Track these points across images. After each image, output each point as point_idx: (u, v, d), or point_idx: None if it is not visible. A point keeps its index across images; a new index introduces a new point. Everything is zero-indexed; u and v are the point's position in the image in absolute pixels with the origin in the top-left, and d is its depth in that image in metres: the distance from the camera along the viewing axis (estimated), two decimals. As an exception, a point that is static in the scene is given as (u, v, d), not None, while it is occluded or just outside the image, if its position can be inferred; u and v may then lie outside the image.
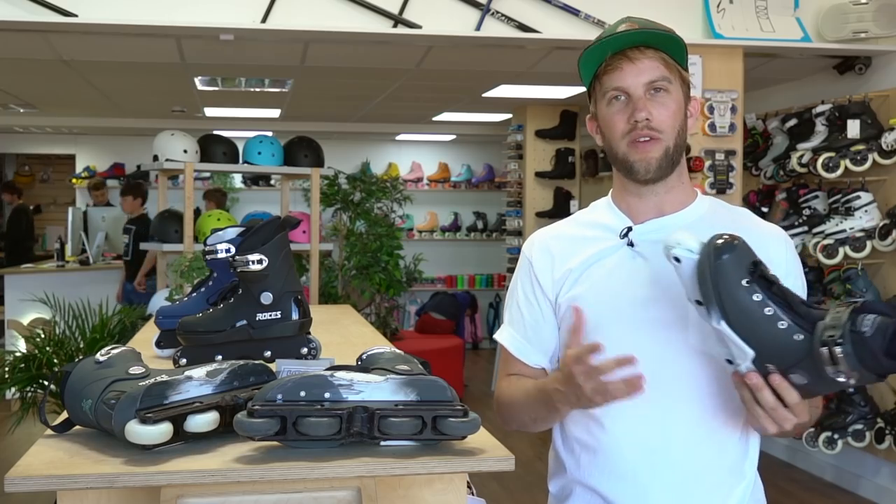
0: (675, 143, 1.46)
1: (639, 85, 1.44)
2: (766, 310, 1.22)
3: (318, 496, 1.18)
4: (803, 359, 1.20)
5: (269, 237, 1.68)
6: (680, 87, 1.48)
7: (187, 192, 4.61)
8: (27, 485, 1.10)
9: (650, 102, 1.44)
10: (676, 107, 1.46)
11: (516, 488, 4.86)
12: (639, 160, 1.46)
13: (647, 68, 1.44)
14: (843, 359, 1.15)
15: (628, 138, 1.45)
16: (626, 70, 1.45)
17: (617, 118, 1.46)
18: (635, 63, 1.44)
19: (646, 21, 1.49)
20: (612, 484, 1.48)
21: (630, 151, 1.46)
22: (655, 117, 1.44)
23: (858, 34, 4.37)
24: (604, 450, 1.49)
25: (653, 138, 1.44)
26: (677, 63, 1.48)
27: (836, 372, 1.17)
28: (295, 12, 4.00)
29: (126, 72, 5.87)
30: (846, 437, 4.58)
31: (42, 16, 3.81)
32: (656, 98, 1.45)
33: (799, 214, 4.89)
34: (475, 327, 10.03)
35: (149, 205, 9.16)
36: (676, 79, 1.47)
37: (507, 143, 7.43)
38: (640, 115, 1.43)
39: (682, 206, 1.52)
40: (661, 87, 1.45)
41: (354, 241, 7.07)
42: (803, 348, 1.20)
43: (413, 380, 1.24)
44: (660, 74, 1.44)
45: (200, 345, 1.70)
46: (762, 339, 1.22)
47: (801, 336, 1.21)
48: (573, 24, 4.19)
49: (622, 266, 1.48)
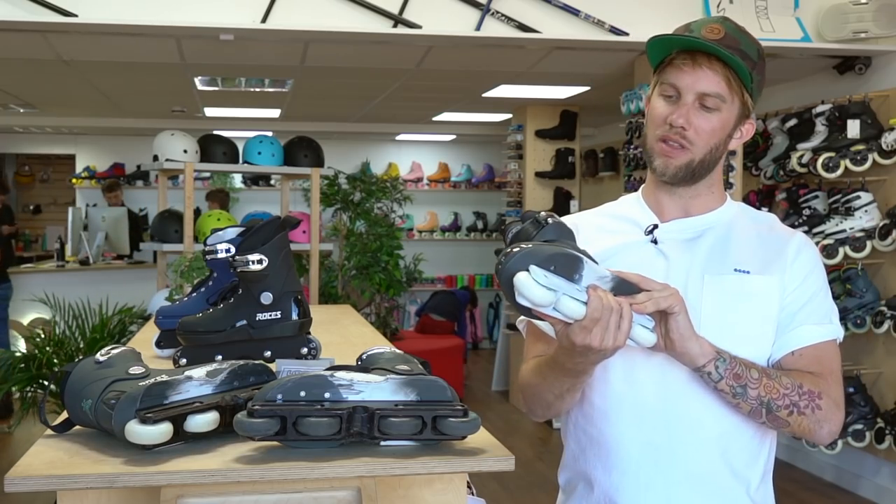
0: (704, 159, 1.45)
1: (692, 91, 1.43)
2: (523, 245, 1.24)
3: (318, 496, 1.18)
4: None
5: (269, 237, 1.68)
6: (737, 108, 1.45)
7: (187, 192, 4.61)
8: (27, 485, 1.10)
9: (695, 112, 1.43)
10: (720, 126, 1.44)
11: (516, 488, 4.86)
12: (660, 160, 1.46)
13: (706, 78, 1.42)
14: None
15: (660, 133, 1.45)
16: (685, 71, 1.43)
17: (660, 111, 1.46)
18: (696, 70, 1.42)
19: (735, 28, 1.45)
20: (615, 478, 1.48)
21: (656, 147, 1.47)
22: (693, 128, 1.43)
23: (858, 34, 4.37)
24: (608, 443, 1.49)
25: (682, 146, 1.44)
26: (742, 84, 1.44)
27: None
28: (295, 12, 4.00)
29: (126, 72, 5.87)
30: (846, 437, 4.58)
31: (42, 16, 3.81)
32: (703, 112, 1.43)
33: (799, 214, 4.89)
34: (475, 327, 10.03)
35: (149, 205, 9.16)
36: (735, 100, 1.44)
37: (507, 143, 7.43)
38: (679, 121, 1.43)
39: (708, 209, 1.52)
40: (713, 105, 1.43)
41: (354, 241, 7.07)
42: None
43: (413, 380, 1.24)
44: (715, 90, 1.42)
45: (200, 345, 1.70)
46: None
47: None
48: (573, 24, 4.19)
49: (642, 263, 1.46)
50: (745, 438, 1.48)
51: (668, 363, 1.43)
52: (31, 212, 12.57)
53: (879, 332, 4.54)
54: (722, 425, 1.45)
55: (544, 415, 1.55)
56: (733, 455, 1.47)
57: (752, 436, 1.48)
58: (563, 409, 1.53)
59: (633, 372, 1.45)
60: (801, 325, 1.46)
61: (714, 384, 1.39)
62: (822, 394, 1.43)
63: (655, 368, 1.44)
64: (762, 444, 1.51)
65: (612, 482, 1.49)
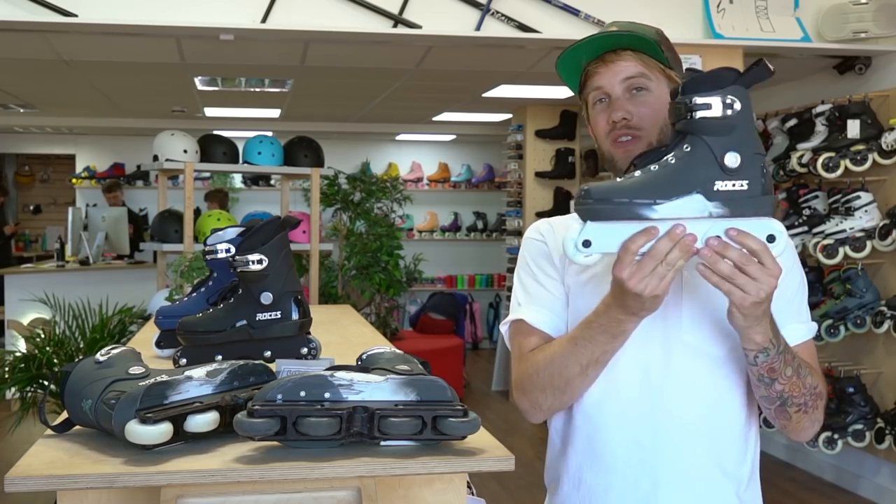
0: (659, 139, 1.47)
1: (615, 84, 1.48)
2: (653, 168, 1.24)
3: (318, 496, 1.18)
4: (703, 143, 1.22)
5: (269, 237, 1.68)
6: (664, 84, 1.49)
7: (187, 192, 4.62)
8: (27, 485, 1.10)
9: (630, 102, 1.47)
10: (658, 103, 1.47)
11: (516, 488, 4.86)
12: (620, 157, 1.49)
13: (622, 68, 1.48)
14: (689, 95, 1.22)
15: (610, 137, 1.49)
16: (602, 72, 1.49)
17: (600, 118, 1.51)
18: (609, 65, 1.48)
19: (628, 24, 1.52)
20: (601, 478, 1.48)
21: (613, 150, 1.50)
22: (635, 115, 1.47)
23: (858, 34, 4.36)
24: (594, 443, 1.48)
25: (633, 136, 1.47)
26: (660, 62, 1.49)
27: (704, 105, 1.21)
28: (295, 12, 4.00)
29: (126, 72, 5.87)
30: (846, 437, 4.58)
31: (42, 16, 3.81)
32: (636, 97, 1.48)
33: (799, 214, 4.89)
34: (475, 327, 10.03)
35: (149, 205, 9.16)
36: (659, 76, 1.49)
37: (507, 143, 7.43)
38: (617, 115, 1.47)
39: None
40: (640, 84, 1.47)
41: (354, 241, 7.07)
42: (700, 143, 1.22)
43: (413, 380, 1.24)
44: (636, 71, 1.47)
45: (200, 345, 1.70)
46: (680, 180, 1.22)
47: (687, 147, 1.24)
48: (573, 24, 4.19)
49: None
50: (733, 436, 1.47)
51: (654, 360, 1.43)
52: (31, 212, 12.56)
53: (879, 332, 4.54)
54: (709, 422, 1.45)
55: (551, 405, 1.49)
56: (722, 453, 1.46)
57: (739, 432, 1.48)
58: (582, 389, 1.46)
59: (617, 370, 1.43)
60: (790, 324, 1.46)
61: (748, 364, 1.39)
62: (822, 395, 1.44)
63: (640, 366, 1.44)
64: (748, 441, 1.50)
65: (598, 482, 1.48)
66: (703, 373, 1.44)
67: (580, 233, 1.22)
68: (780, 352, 1.36)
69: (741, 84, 1.23)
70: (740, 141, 1.22)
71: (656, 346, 1.44)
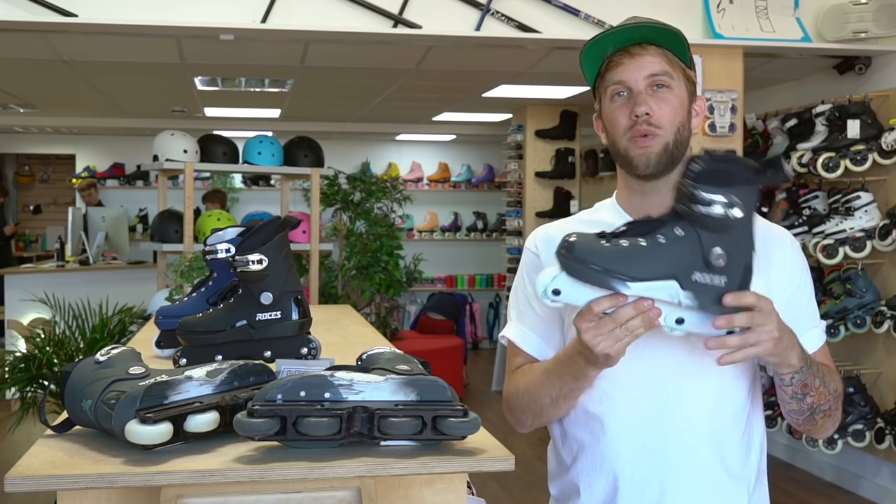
0: (676, 140, 1.45)
1: (640, 79, 1.44)
2: (640, 241, 1.22)
3: (318, 496, 1.18)
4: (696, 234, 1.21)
5: (269, 237, 1.68)
6: (683, 84, 1.47)
7: (187, 192, 4.62)
8: (27, 485, 1.10)
9: (651, 98, 1.44)
10: (678, 103, 1.45)
11: (516, 488, 4.86)
12: (638, 155, 1.45)
13: (648, 63, 1.44)
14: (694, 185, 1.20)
15: (629, 134, 1.45)
16: (627, 65, 1.45)
17: (619, 113, 1.46)
18: (636, 58, 1.44)
19: (649, 20, 1.49)
20: (611, 484, 1.48)
21: (630, 146, 1.46)
22: (656, 112, 1.43)
23: (858, 34, 4.36)
24: (602, 450, 1.48)
25: (652, 134, 1.44)
26: (681, 60, 1.47)
27: (706, 201, 1.19)
28: (295, 12, 4.01)
29: (126, 72, 5.87)
30: (846, 437, 4.58)
31: (42, 16, 3.81)
32: (658, 94, 1.44)
33: (799, 214, 4.89)
34: (475, 327, 10.03)
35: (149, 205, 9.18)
36: (679, 75, 1.47)
37: (507, 143, 7.43)
38: (641, 110, 1.43)
39: None
40: (663, 82, 1.44)
41: (354, 241, 7.07)
42: (692, 232, 1.21)
43: (413, 380, 1.24)
44: (661, 69, 1.44)
45: (200, 345, 1.70)
46: (661, 263, 1.21)
47: (679, 231, 1.21)
48: (573, 24, 4.19)
49: None
50: (736, 437, 1.48)
51: (658, 365, 1.43)
52: (31, 212, 12.56)
53: (879, 332, 4.54)
54: (714, 424, 1.45)
55: (532, 423, 1.54)
56: (727, 455, 1.47)
57: (741, 433, 1.48)
58: (555, 417, 1.52)
59: (624, 375, 1.43)
60: (810, 330, 1.49)
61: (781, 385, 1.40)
62: (841, 394, 1.48)
63: (646, 371, 1.44)
64: (751, 442, 1.50)
65: (608, 488, 1.48)
66: (709, 375, 1.44)
67: (553, 279, 1.22)
68: (809, 366, 1.39)
69: (754, 184, 1.22)
70: (733, 242, 1.21)
71: (663, 349, 1.43)
